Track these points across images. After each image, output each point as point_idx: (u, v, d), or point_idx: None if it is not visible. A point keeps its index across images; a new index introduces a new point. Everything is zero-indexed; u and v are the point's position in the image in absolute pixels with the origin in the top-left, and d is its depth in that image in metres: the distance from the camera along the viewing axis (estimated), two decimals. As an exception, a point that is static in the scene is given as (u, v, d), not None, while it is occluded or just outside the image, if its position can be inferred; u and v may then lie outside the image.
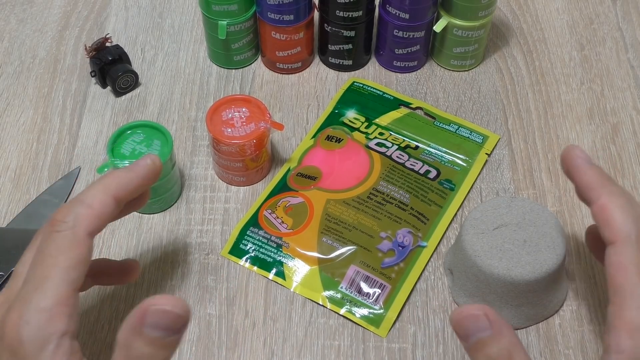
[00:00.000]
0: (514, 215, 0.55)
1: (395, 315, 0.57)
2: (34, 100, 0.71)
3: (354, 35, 0.70)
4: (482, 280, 0.53)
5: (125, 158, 0.59)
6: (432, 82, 0.72)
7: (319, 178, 0.64)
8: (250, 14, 0.69)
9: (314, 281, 0.58)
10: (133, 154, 0.60)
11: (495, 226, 0.54)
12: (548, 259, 0.53)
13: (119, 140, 0.61)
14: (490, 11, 0.68)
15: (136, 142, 0.60)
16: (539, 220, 0.54)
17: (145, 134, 0.61)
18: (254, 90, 0.72)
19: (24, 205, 0.64)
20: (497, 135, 0.68)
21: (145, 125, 0.62)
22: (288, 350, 0.56)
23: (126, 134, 0.61)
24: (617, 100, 0.71)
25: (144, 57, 0.74)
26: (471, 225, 0.55)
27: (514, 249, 0.53)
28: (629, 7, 0.78)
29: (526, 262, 0.52)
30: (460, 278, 0.56)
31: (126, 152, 0.60)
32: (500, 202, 0.56)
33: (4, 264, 0.59)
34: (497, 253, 0.53)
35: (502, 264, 0.52)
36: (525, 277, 0.52)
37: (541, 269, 0.52)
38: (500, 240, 0.54)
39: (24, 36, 0.76)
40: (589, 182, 0.46)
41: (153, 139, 0.61)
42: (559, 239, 0.54)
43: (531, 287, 0.53)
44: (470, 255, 0.54)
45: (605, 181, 0.46)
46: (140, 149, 0.60)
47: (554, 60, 0.74)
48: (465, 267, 0.55)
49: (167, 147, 0.60)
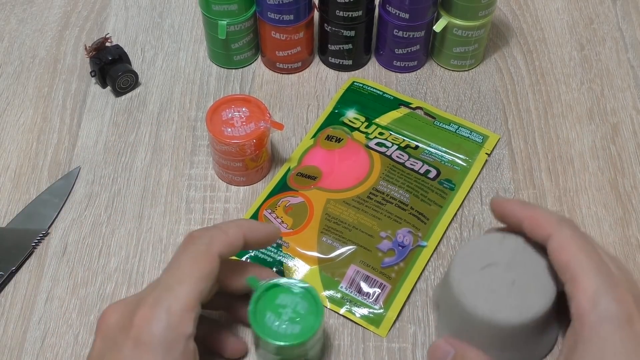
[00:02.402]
0: (504, 253, 0.52)
1: (395, 315, 0.57)
2: (33, 100, 0.71)
3: (353, 35, 0.70)
4: (467, 320, 0.51)
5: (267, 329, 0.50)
6: (432, 82, 0.72)
7: (319, 178, 0.64)
8: (250, 14, 0.69)
9: (314, 281, 0.58)
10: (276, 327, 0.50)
11: (485, 264, 0.52)
12: (536, 302, 0.50)
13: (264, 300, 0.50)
14: (490, 11, 0.68)
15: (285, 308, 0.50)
16: (530, 261, 0.51)
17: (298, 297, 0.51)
18: (254, 90, 0.72)
19: (24, 205, 0.64)
20: (497, 135, 0.68)
21: None
22: (288, 350, 0.56)
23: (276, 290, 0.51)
24: (617, 100, 0.71)
25: (144, 57, 0.74)
26: (460, 262, 0.52)
27: (502, 290, 0.50)
28: (629, 7, 0.78)
29: (513, 305, 0.50)
30: (446, 315, 0.54)
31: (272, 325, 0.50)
32: (492, 239, 0.53)
33: (4, 264, 0.59)
34: (483, 294, 0.50)
35: (487, 305, 0.50)
36: (510, 321, 0.49)
37: (528, 313, 0.49)
38: (489, 280, 0.51)
39: (24, 36, 0.76)
40: (514, 208, 0.52)
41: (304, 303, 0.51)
42: (549, 282, 0.51)
43: (517, 331, 0.50)
44: (456, 294, 0.51)
45: (526, 204, 0.53)
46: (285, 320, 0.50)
47: (554, 60, 0.74)
48: (450, 305, 0.52)
49: (317, 319, 0.50)
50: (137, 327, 0.45)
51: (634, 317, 0.45)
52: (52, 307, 0.58)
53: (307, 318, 0.50)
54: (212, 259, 0.48)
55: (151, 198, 0.64)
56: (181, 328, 0.45)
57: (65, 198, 0.64)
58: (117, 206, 0.64)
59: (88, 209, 0.63)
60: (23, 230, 0.62)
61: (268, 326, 0.49)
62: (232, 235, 0.49)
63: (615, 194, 0.64)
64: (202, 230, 0.50)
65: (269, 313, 0.50)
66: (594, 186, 0.65)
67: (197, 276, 0.47)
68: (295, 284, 0.51)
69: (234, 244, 0.49)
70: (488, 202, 0.63)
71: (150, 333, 0.44)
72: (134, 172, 0.66)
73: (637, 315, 0.45)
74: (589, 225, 0.62)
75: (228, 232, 0.49)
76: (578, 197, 0.64)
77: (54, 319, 0.57)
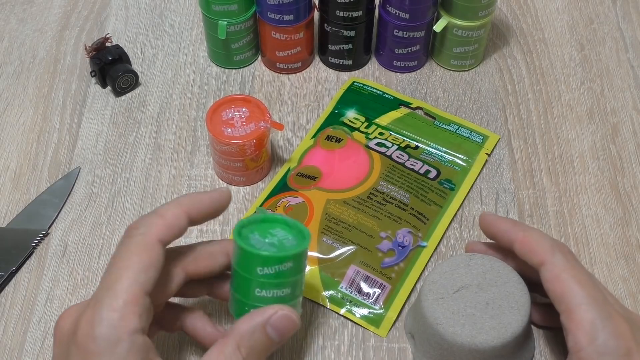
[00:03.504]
0: (473, 275, 0.52)
1: (395, 315, 0.57)
2: (34, 100, 0.71)
3: (354, 35, 0.70)
4: (446, 348, 0.50)
5: None
6: (432, 82, 0.72)
7: (319, 178, 0.64)
8: (250, 14, 0.69)
9: (314, 281, 0.58)
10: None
11: (456, 289, 0.51)
12: (513, 321, 0.50)
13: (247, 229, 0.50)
14: (490, 11, 0.68)
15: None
16: (500, 279, 0.52)
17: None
18: (254, 90, 0.72)
19: (24, 205, 0.64)
20: (497, 135, 0.68)
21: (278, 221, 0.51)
22: (288, 350, 0.56)
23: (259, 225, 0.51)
24: (617, 100, 0.71)
25: (144, 57, 0.74)
26: (430, 290, 0.52)
27: (477, 313, 0.50)
28: (629, 7, 0.78)
29: (490, 327, 0.49)
30: (422, 344, 0.53)
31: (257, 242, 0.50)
32: (459, 262, 0.53)
33: (4, 264, 0.59)
34: (459, 319, 0.50)
35: (465, 331, 0.49)
36: (490, 343, 0.49)
37: (506, 333, 0.49)
38: (462, 304, 0.50)
39: (24, 36, 0.76)
40: (506, 228, 0.52)
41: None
42: (522, 298, 0.51)
43: (497, 353, 0.50)
44: (431, 323, 0.50)
45: (517, 224, 0.52)
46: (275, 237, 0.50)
47: (554, 60, 0.74)
48: (427, 334, 0.52)
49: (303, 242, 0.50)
50: (81, 331, 0.43)
51: (632, 350, 0.45)
52: (52, 308, 0.58)
53: (287, 249, 0.49)
54: (151, 247, 0.45)
55: (151, 198, 0.64)
56: (124, 325, 0.43)
57: (65, 198, 0.64)
58: (117, 206, 0.64)
59: (88, 209, 0.63)
60: (23, 231, 0.62)
61: (250, 242, 0.48)
62: (171, 217, 0.47)
63: (615, 194, 0.64)
64: (139, 220, 0.47)
65: (256, 233, 0.49)
66: (594, 186, 0.65)
67: (135, 269, 0.44)
68: (296, 224, 0.50)
69: (175, 224, 0.47)
70: (488, 202, 0.63)
71: (93, 336, 0.43)
72: (134, 172, 0.66)
73: (635, 348, 0.45)
74: (589, 225, 0.62)
75: (166, 215, 0.47)
76: (578, 197, 0.64)
77: (54, 319, 0.57)
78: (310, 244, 0.49)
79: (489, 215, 0.54)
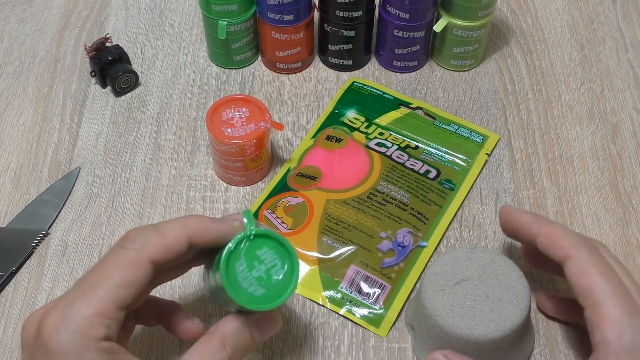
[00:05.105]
0: (474, 268, 0.52)
1: (395, 315, 0.57)
2: (34, 100, 0.71)
3: (354, 35, 0.70)
4: (445, 340, 0.51)
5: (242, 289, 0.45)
6: (432, 82, 0.72)
7: (319, 178, 0.64)
8: (250, 14, 0.69)
9: (314, 281, 0.58)
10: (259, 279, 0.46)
11: (456, 281, 0.52)
12: (512, 314, 0.50)
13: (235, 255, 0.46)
14: (490, 11, 0.68)
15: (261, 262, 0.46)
16: (501, 273, 0.52)
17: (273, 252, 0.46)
18: (254, 90, 0.72)
19: (24, 205, 0.64)
20: (497, 135, 0.68)
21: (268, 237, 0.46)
22: (288, 350, 0.56)
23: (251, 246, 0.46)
24: (617, 100, 0.71)
25: (144, 57, 0.74)
26: (430, 282, 0.52)
27: (476, 305, 0.50)
28: (629, 7, 0.78)
29: (489, 320, 0.50)
30: (422, 336, 0.53)
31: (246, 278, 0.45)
32: (460, 255, 0.53)
33: (4, 264, 0.59)
34: (459, 311, 0.50)
35: (464, 322, 0.50)
36: (489, 336, 0.49)
37: (505, 326, 0.50)
38: (462, 296, 0.51)
39: (24, 36, 0.76)
40: (528, 221, 0.52)
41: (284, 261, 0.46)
42: (522, 291, 0.51)
43: (496, 345, 0.50)
44: (431, 315, 0.51)
45: (540, 217, 0.52)
46: None
47: (554, 60, 0.74)
48: (426, 325, 0.52)
49: (293, 278, 0.46)
50: (45, 335, 0.41)
51: None
52: (52, 308, 0.58)
53: (274, 288, 0.45)
54: (141, 266, 0.43)
55: (151, 198, 0.64)
56: (91, 333, 0.41)
57: (65, 198, 0.64)
58: (117, 206, 0.64)
59: (88, 209, 0.63)
60: (23, 231, 0.62)
61: (237, 278, 0.45)
62: (172, 239, 0.44)
63: (615, 194, 0.64)
64: (138, 231, 0.44)
65: (243, 260, 0.45)
66: (594, 186, 0.65)
67: (116, 283, 0.42)
68: (287, 244, 0.46)
69: (173, 248, 0.44)
70: (488, 202, 0.63)
71: (58, 340, 0.41)
72: (134, 172, 0.66)
73: None
74: (589, 225, 0.62)
75: (167, 236, 0.44)
76: (578, 197, 0.64)
77: (54, 319, 0.57)
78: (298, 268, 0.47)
79: (509, 208, 0.53)
